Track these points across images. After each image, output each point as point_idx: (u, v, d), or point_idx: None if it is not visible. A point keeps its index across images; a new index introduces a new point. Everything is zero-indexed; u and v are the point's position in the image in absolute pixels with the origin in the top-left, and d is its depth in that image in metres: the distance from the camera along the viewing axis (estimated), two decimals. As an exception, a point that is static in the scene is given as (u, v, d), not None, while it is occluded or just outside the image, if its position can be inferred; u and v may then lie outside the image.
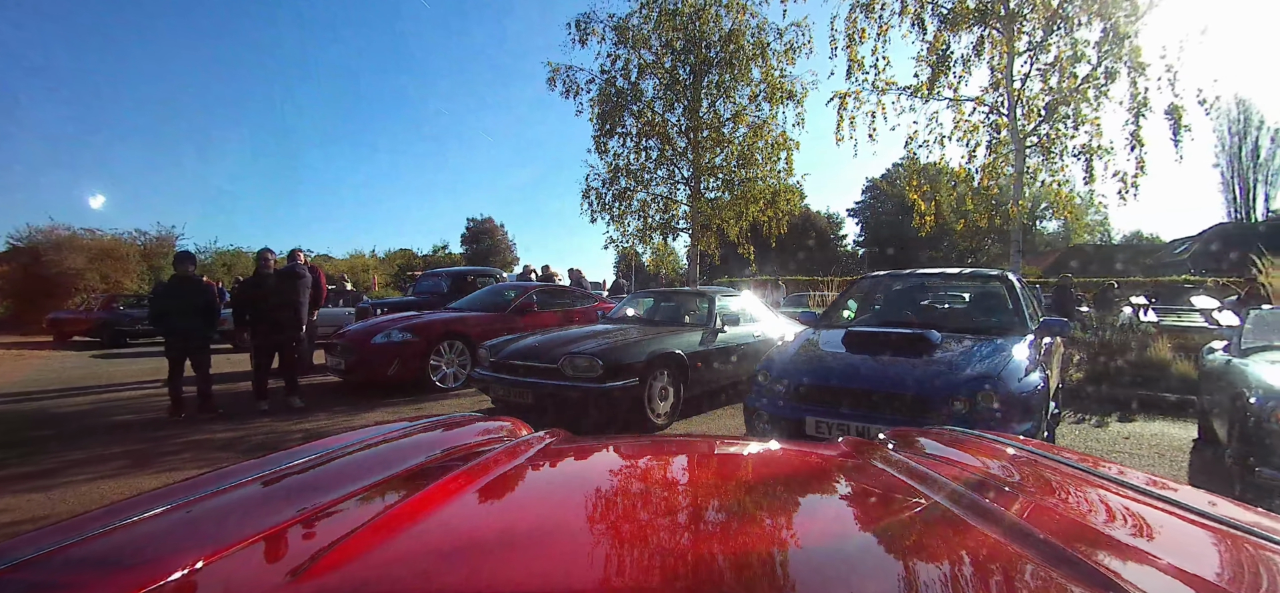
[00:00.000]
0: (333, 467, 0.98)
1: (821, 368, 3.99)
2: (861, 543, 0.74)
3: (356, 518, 0.72)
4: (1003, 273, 4.86)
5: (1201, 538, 0.73)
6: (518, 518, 0.81)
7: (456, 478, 0.88)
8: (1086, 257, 32.86)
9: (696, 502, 0.87)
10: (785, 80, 11.05)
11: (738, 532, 0.74)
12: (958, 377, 3.51)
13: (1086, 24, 7.77)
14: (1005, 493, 0.86)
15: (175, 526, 0.73)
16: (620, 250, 12.16)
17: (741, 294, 7.51)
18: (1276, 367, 3.59)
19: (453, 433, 1.25)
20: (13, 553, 0.62)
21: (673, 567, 0.61)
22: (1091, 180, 8.06)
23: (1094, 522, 0.77)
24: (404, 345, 6.86)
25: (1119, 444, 5.00)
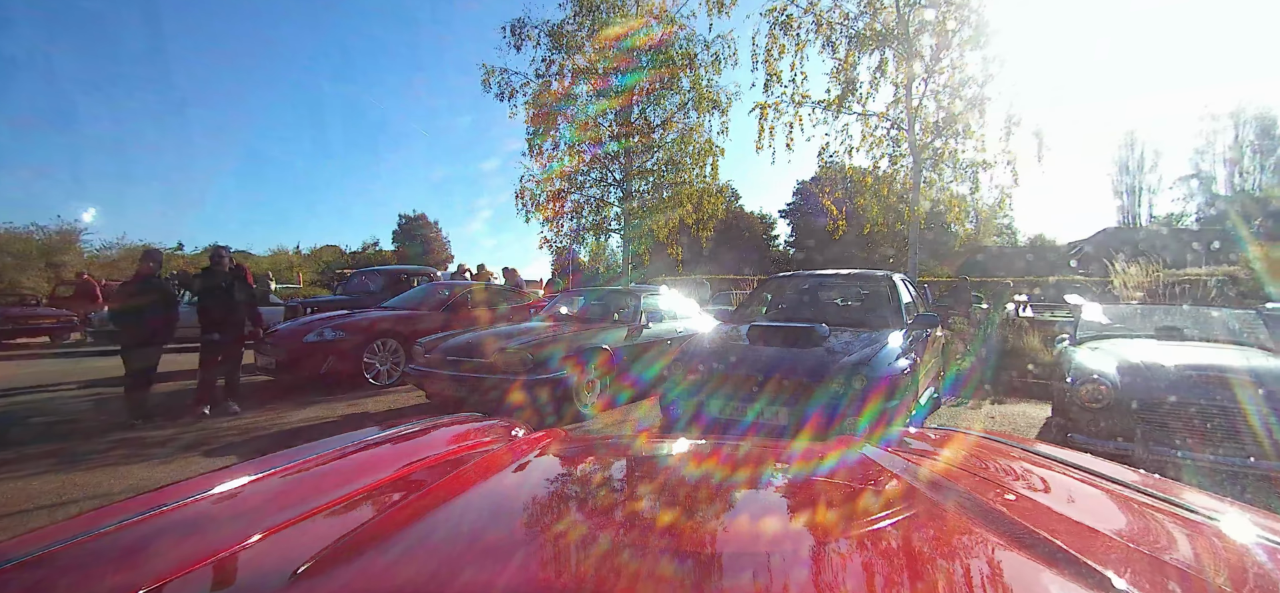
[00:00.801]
0: (333, 467, 1.00)
1: (727, 357, 4.50)
2: (861, 543, 0.73)
3: (356, 518, 0.75)
4: (887, 274, 5.54)
5: (1199, 537, 0.74)
6: (518, 518, 0.82)
7: (456, 478, 0.91)
8: (993, 257, 35.58)
9: (696, 501, 0.88)
10: (711, 90, 11.66)
11: (738, 531, 0.76)
12: (839, 363, 4.08)
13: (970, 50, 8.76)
14: (1005, 493, 0.88)
15: (175, 526, 0.74)
16: (554, 250, 12.46)
17: (667, 292, 8.01)
18: (1093, 353, 4.36)
19: (452, 433, 1.27)
20: (13, 553, 0.62)
21: (672, 566, 0.61)
22: (976, 189, 9.09)
23: (1092, 521, 0.77)
24: (337, 343, 6.97)
25: (988, 422, 5.78)
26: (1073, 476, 0.98)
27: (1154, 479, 0.94)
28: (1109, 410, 3.72)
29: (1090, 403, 3.78)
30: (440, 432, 1.27)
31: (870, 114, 10.05)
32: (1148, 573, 0.61)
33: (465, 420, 1.39)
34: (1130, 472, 0.99)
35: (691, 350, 4.76)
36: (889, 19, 9.31)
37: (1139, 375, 3.79)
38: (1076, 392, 3.90)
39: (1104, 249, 31.10)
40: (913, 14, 9.08)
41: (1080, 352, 4.49)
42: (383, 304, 8.59)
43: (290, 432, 5.18)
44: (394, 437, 1.21)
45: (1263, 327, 4.65)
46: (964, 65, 8.89)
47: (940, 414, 6.03)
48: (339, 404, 6.25)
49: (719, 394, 4.28)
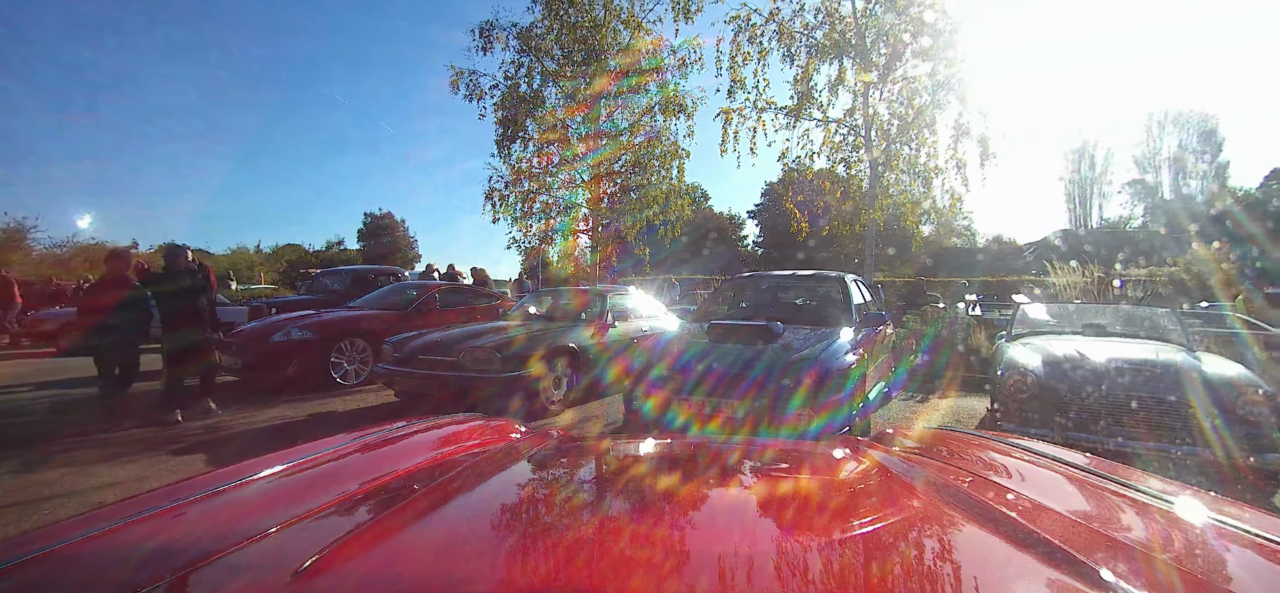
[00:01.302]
0: (333, 467, 1.01)
1: (686, 354, 4.73)
2: (861, 542, 0.73)
3: (357, 518, 0.75)
4: (840, 275, 5.85)
5: (1198, 536, 0.75)
6: (518, 517, 0.82)
7: (456, 478, 0.91)
8: (954, 258, 36.79)
9: (696, 500, 0.89)
10: (678, 95, 11.91)
11: (738, 531, 0.76)
12: (791, 358, 4.35)
13: (920, 62, 9.21)
14: (1004, 492, 0.89)
15: (175, 526, 0.74)
16: (523, 250, 12.56)
17: (633, 292, 8.23)
18: (1023, 348, 4.71)
19: (452, 433, 1.28)
20: (13, 553, 0.63)
21: (672, 565, 0.62)
22: (928, 194, 9.54)
23: (1091, 521, 0.78)
24: (303, 344, 7.00)
25: (933, 414, 6.13)
26: (1070, 474, 0.99)
27: (1153, 479, 0.94)
28: (1033, 400, 4.06)
29: (1017, 393, 4.11)
30: (441, 431, 1.28)
31: (830, 120, 10.45)
32: (1142, 570, 0.61)
33: (465, 420, 1.40)
34: (1127, 471, 1.00)
35: (655, 348, 4.98)
36: (846, 29, 9.71)
37: (1060, 368, 4.14)
38: (1005, 382, 4.23)
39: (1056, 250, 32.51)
40: (869, 24, 9.49)
41: (1013, 347, 4.84)
42: (350, 304, 8.61)
43: (257, 431, 5.23)
44: (394, 436, 1.21)
45: (1177, 323, 5.07)
46: (916, 76, 9.33)
47: (890, 407, 6.37)
48: (306, 404, 6.30)
49: (680, 389, 4.50)
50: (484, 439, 1.25)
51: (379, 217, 47.56)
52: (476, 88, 11.55)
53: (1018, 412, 4.11)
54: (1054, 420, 3.92)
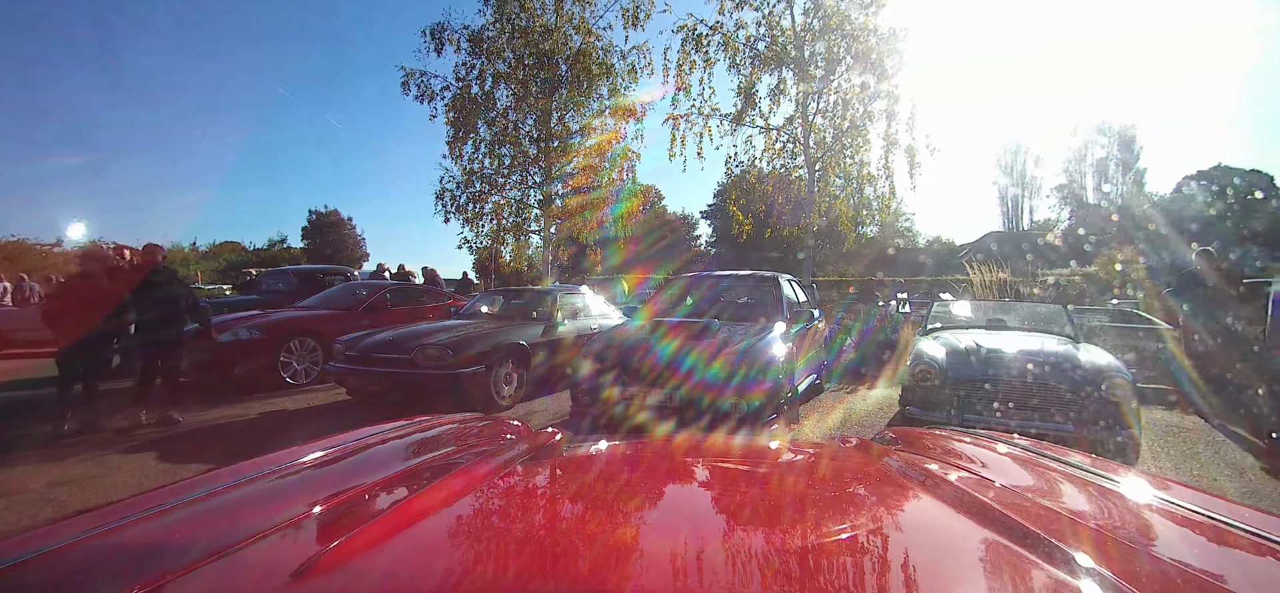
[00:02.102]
0: (333, 467, 1.01)
1: (629, 348, 5.06)
2: (864, 541, 0.74)
3: (357, 518, 0.74)
4: (774, 275, 6.29)
5: (1198, 536, 0.76)
6: (518, 517, 0.82)
7: (456, 478, 0.91)
8: (895, 258, 38.43)
9: (699, 501, 0.91)
10: (628, 99, 12.26)
11: (740, 530, 0.77)
12: (723, 351, 4.72)
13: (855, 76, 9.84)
14: (1005, 492, 0.89)
15: (175, 526, 0.74)
16: (475, 250, 12.68)
17: (585, 291, 8.52)
18: (931, 341, 5.23)
19: (453, 433, 1.29)
20: (13, 553, 0.63)
21: (675, 565, 0.62)
22: (862, 199, 10.19)
23: (1092, 520, 0.79)
24: (252, 343, 7.01)
25: (857, 403, 6.63)
26: (1069, 474, 1.00)
27: (1151, 477, 0.96)
28: (936, 387, 4.55)
29: (923, 381, 4.60)
30: (440, 431, 1.29)
31: (772, 128, 10.99)
32: (1143, 569, 0.62)
33: (466, 420, 1.41)
34: (1126, 470, 1.00)
35: (597, 343, 5.30)
36: (787, 43, 10.25)
37: (960, 358, 4.65)
38: (913, 371, 4.72)
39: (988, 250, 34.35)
40: (806, 39, 10.05)
41: (924, 340, 5.36)
42: (299, 303, 8.60)
43: (208, 429, 5.30)
44: (393, 436, 1.21)
45: (1065, 318, 5.70)
46: (850, 89, 9.96)
47: (824, 397, 6.85)
48: (256, 404, 6.34)
49: (624, 381, 4.83)
50: (485, 439, 1.25)
51: (325, 214, 46.27)
52: (427, 89, 11.64)
53: (924, 398, 4.60)
54: (952, 405, 4.42)
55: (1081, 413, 4.10)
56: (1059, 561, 0.62)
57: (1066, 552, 0.63)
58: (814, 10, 10.18)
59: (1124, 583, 0.57)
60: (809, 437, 5.13)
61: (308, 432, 5.27)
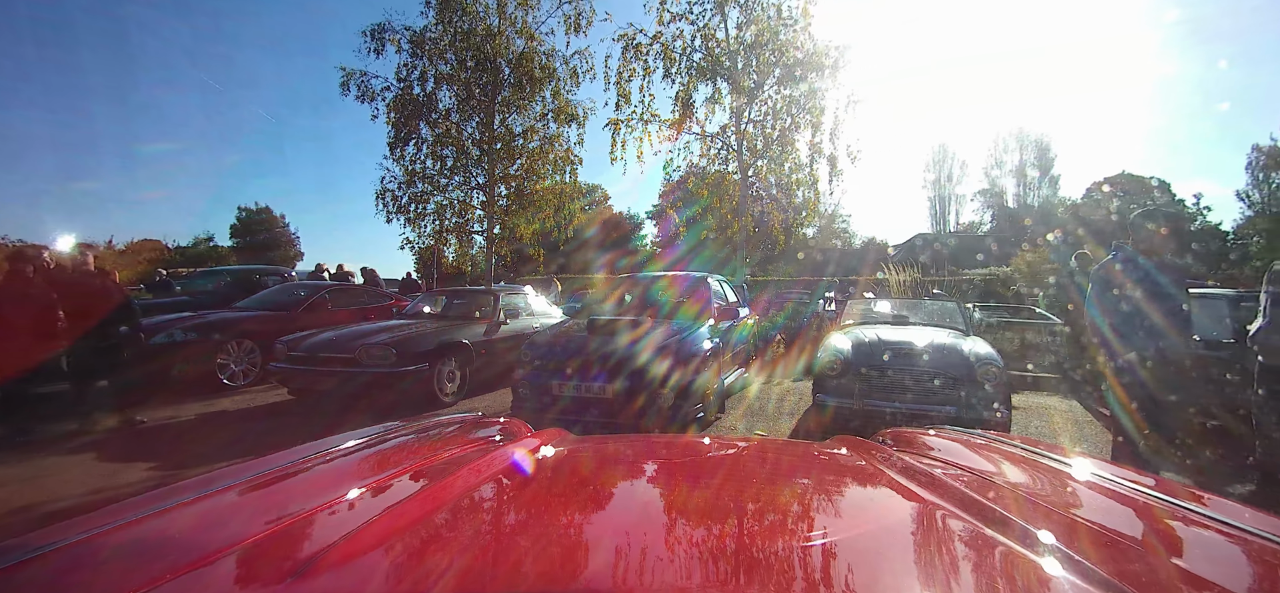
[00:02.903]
0: (333, 467, 1.01)
1: (566, 345, 5.41)
2: (862, 541, 0.74)
3: (356, 518, 0.75)
4: (703, 275, 6.76)
5: (1197, 535, 0.77)
6: (519, 517, 0.82)
7: (456, 478, 0.92)
8: (832, 258, 40.11)
9: (697, 500, 0.90)
10: (570, 104, 12.54)
11: (739, 531, 0.77)
12: (653, 346, 5.13)
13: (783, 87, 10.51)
14: (1003, 491, 0.89)
15: (175, 526, 0.74)
16: (417, 251, 12.71)
17: (527, 291, 8.80)
18: (842, 334, 5.78)
19: (453, 433, 1.29)
20: (13, 552, 0.63)
21: (673, 565, 0.63)
22: (791, 203, 10.87)
23: (1091, 519, 0.79)
24: (188, 345, 6.96)
25: (775, 393, 7.18)
26: (1069, 474, 1.01)
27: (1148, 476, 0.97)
28: (842, 375, 5.09)
29: (830, 371, 5.13)
30: (441, 431, 1.30)
31: (708, 134, 11.54)
32: (1140, 568, 0.62)
33: (466, 420, 1.42)
34: (1127, 470, 1.02)
35: (537, 340, 5.63)
36: (722, 54, 10.82)
37: (863, 350, 5.20)
38: (822, 362, 5.26)
39: (918, 251, 36.29)
40: (739, 51, 10.65)
41: (835, 334, 5.92)
42: (236, 305, 8.52)
43: (147, 431, 5.33)
44: (394, 436, 1.22)
45: (959, 313, 6.39)
46: (779, 100, 10.63)
47: (752, 389, 7.37)
48: (193, 405, 6.34)
49: (560, 376, 5.17)
50: (485, 439, 1.26)
51: (255, 211, 44.43)
52: (368, 90, 11.59)
53: (832, 386, 5.13)
54: (854, 391, 4.97)
55: (961, 396, 4.71)
56: (1054, 557, 0.62)
57: (1063, 550, 0.63)
58: (746, 24, 10.80)
59: (1121, 583, 0.57)
60: (736, 426, 5.61)
61: (250, 433, 5.38)
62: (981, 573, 0.65)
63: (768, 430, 5.52)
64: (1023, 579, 0.61)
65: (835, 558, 0.67)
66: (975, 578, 0.64)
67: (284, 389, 6.53)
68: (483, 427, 1.37)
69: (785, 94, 10.56)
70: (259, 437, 5.19)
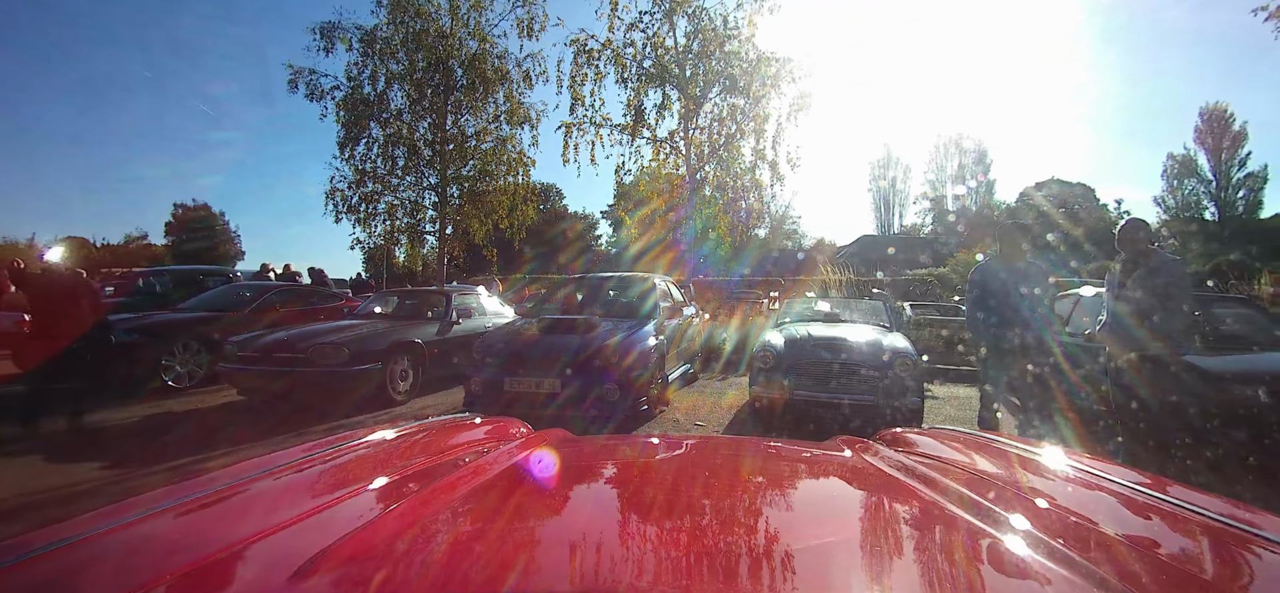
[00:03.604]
0: (333, 467, 1.01)
1: (516, 343, 5.66)
2: (859, 541, 0.76)
3: (356, 518, 0.76)
4: (649, 276, 7.11)
5: (1196, 534, 0.77)
6: (518, 518, 0.82)
7: (456, 478, 0.92)
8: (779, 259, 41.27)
9: (697, 501, 0.90)
10: (523, 106, 12.73)
11: (738, 530, 0.78)
12: (599, 344, 5.44)
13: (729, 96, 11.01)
14: (1000, 490, 0.91)
15: (176, 526, 0.75)
16: (366, 250, 12.66)
17: (478, 291, 8.97)
18: (776, 330, 6.21)
19: (452, 434, 1.29)
20: (13, 553, 0.63)
21: (673, 565, 0.63)
22: (735, 207, 11.39)
23: (1088, 519, 0.80)
24: (131, 347, 6.88)
25: (724, 387, 7.59)
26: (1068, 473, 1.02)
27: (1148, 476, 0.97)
28: (774, 368, 5.50)
29: (763, 364, 5.54)
30: (441, 431, 1.30)
31: (659, 139, 11.94)
32: (1140, 569, 0.62)
33: (466, 420, 1.43)
34: (1120, 468, 1.02)
35: (489, 338, 5.87)
36: (671, 62, 11.23)
37: (794, 345, 5.63)
38: (756, 356, 5.67)
39: (863, 251, 37.69)
40: (687, 60, 11.08)
41: (770, 331, 6.35)
42: (180, 306, 8.40)
43: (95, 433, 5.31)
44: (394, 436, 1.22)
45: (884, 310, 6.92)
46: (725, 108, 11.12)
47: (698, 383, 7.74)
48: (138, 408, 6.29)
49: (511, 371, 5.42)
50: (485, 438, 1.26)
51: (192, 209, 42.67)
52: (317, 88, 11.50)
53: (765, 378, 5.54)
54: (785, 383, 5.39)
55: (880, 386, 5.18)
56: (1052, 556, 0.63)
57: (1062, 549, 0.64)
58: (694, 34, 11.23)
59: (1120, 582, 0.57)
60: (698, 420, 5.96)
61: (202, 433, 5.42)
62: (982, 571, 0.66)
63: (708, 421, 5.88)
64: (1021, 577, 0.62)
65: (837, 558, 0.68)
66: (976, 577, 0.64)
67: (233, 390, 6.54)
68: (483, 427, 1.37)
69: (730, 102, 11.06)
70: (210, 437, 5.24)
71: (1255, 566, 0.69)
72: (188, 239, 39.64)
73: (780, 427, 5.43)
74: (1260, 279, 11.05)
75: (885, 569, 0.65)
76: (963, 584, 0.61)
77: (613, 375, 5.27)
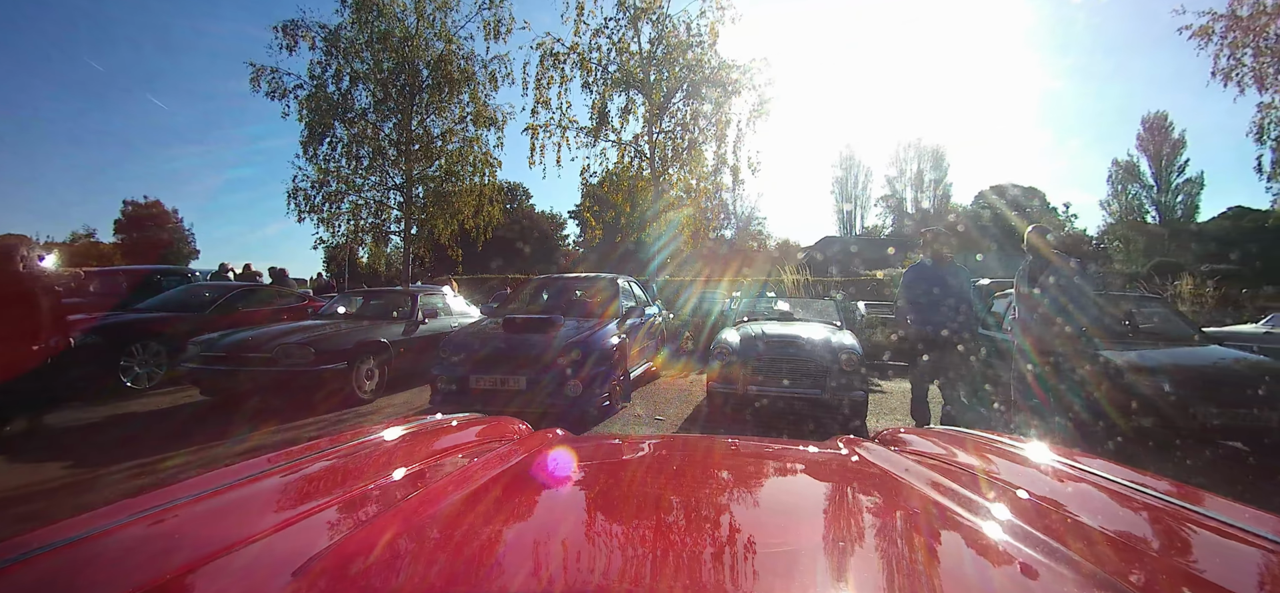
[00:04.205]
0: (333, 467, 1.01)
1: (483, 342, 5.83)
2: (858, 540, 0.76)
3: (357, 518, 0.77)
4: (613, 277, 7.34)
5: (1196, 534, 0.77)
6: (517, 518, 0.83)
7: (456, 478, 0.93)
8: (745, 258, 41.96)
9: (696, 500, 0.91)
10: (489, 107, 12.82)
11: (738, 530, 0.78)
12: (564, 342, 5.64)
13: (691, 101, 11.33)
14: (999, 490, 0.92)
15: (175, 526, 0.75)
16: (328, 250, 12.61)
17: (444, 291, 9.08)
18: (732, 330, 6.50)
19: (452, 433, 1.30)
20: (13, 552, 0.63)
21: (672, 565, 0.63)
22: (697, 209, 11.72)
23: (1087, 518, 0.80)
24: (86, 348, 6.80)
25: (680, 383, 7.85)
26: (1068, 474, 1.02)
27: (1148, 476, 0.98)
28: (730, 364, 5.79)
29: (719, 361, 5.82)
30: (441, 430, 1.30)
31: (623, 142, 12.20)
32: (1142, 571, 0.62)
33: (466, 420, 1.43)
34: (1120, 468, 1.02)
35: (455, 337, 6.02)
36: (635, 67, 11.49)
37: (749, 342, 5.93)
38: (713, 353, 5.95)
39: (827, 252, 38.59)
40: (651, 65, 11.36)
41: (728, 329, 6.64)
42: (137, 306, 8.31)
43: (57, 434, 5.30)
44: (393, 437, 1.22)
45: (834, 309, 7.29)
46: (688, 113, 11.45)
47: (659, 382, 8.00)
48: (99, 409, 6.25)
49: (477, 369, 5.59)
50: (485, 438, 1.27)
51: (144, 205, 41.22)
52: (280, 86, 11.41)
53: (722, 374, 5.82)
54: (739, 378, 5.68)
55: (827, 380, 5.51)
56: (1052, 555, 0.63)
57: (1061, 548, 0.65)
58: (658, 40, 11.51)
59: (1119, 582, 0.57)
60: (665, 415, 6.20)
61: (166, 433, 5.45)
62: (980, 570, 0.66)
63: (668, 416, 6.14)
64: (1018, 575, 0.62)
65: (836, 557, 0.68)
66: (974, 575, 0.65)
67: (195, 391, 6.54)
68: (482, 426, 1.37)
69: (693, 107, 11.38)
70: (176, 437, 5.27)
71: (1256, 564, 0.69)
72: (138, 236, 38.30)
73: (736, 420, 5.71)
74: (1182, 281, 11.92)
75: (884, 568, 0.66)
76: (961, 582, 0.62)
77: (576, 373, 5.49)
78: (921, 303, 4.74)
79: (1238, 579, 0.65)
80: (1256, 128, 11.70)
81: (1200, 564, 0.70)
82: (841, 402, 5.40)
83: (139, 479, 4.06)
